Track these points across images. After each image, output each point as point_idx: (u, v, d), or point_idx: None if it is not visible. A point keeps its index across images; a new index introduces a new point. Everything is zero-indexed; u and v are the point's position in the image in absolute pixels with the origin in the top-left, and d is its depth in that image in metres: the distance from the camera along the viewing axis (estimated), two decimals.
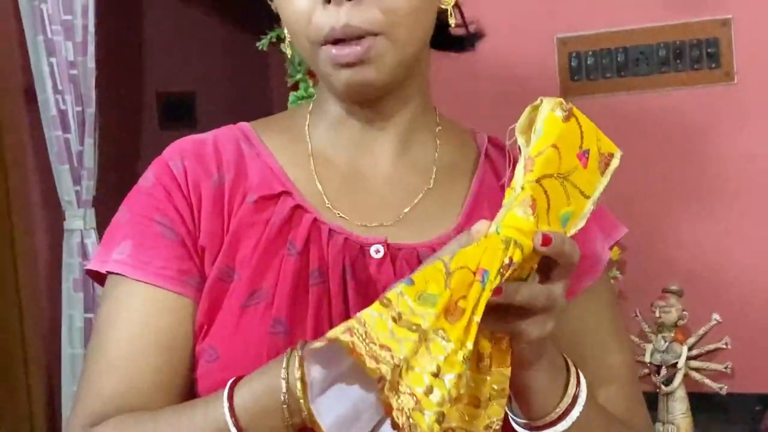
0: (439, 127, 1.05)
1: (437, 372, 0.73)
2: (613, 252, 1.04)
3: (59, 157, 2.82)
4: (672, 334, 2.14)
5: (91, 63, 2.79)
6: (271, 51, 2.38)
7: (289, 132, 1.03)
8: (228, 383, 0.87)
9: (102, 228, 2.80)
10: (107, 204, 2.79)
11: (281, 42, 2.25)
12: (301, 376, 0.81)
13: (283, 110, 1.20)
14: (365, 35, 0.91)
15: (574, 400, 0.87)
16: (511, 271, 0.77)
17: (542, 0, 2.38)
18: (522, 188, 0.80)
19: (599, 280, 1.02)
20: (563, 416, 0.87)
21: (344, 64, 0.92)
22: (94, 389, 0.93)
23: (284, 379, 0.83)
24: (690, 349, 2.13)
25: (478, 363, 0.80)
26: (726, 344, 2.15)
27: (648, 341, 2.16)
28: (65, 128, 2.81)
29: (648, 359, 2.14)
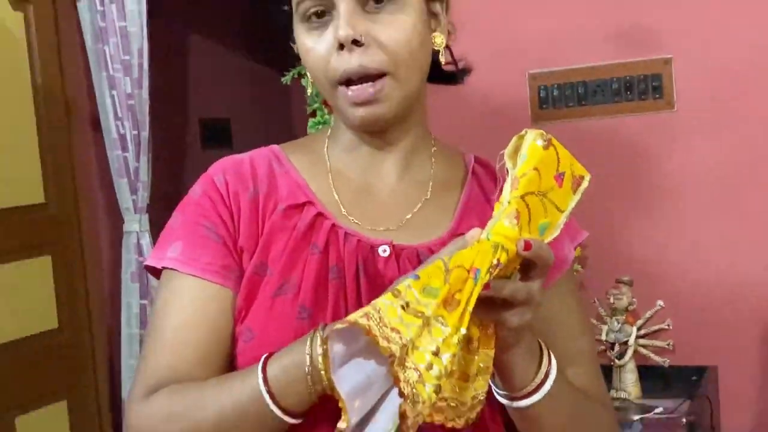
0: (434, 149, 1.04)
1: (437, 351, 0.73)
2: (576, 251, 1.03)
3: (119, 172, 2.83)
4: (624, 317, 2.14)
5: (146, 95, 2.78)
6: (294, 84, 2.37)
7: (312, 153, 1.03)
8: (262, 358, 0.86)
9: (154, 230, 2.83)
10: (158, 210, 2.80)
11: (302, 77, 2.26)
12: (324, 352, 0.81)
13: (303, 133, 1.19)
14: (375, 74, 0.91)
15: (546, 376, 0.87)
16: (498, 271, 0.77)
17: (516, 42, 2.38)
18: (509, 203, 0.79)
19: (565, 275, 1.02)
20: (537, 389, 0.87)
21: (359, 103, 0.92)
22: (151, 365, 0.93)
23: (308, 354, 0.83)
24: (638, 330, 2.13)
25: (468, 345, 0.80)
26: (668, 325, 2.16)
27: (604, 323, 2.16)
28: (124, 148, 2.81)
29: (604, 338, 2.13)
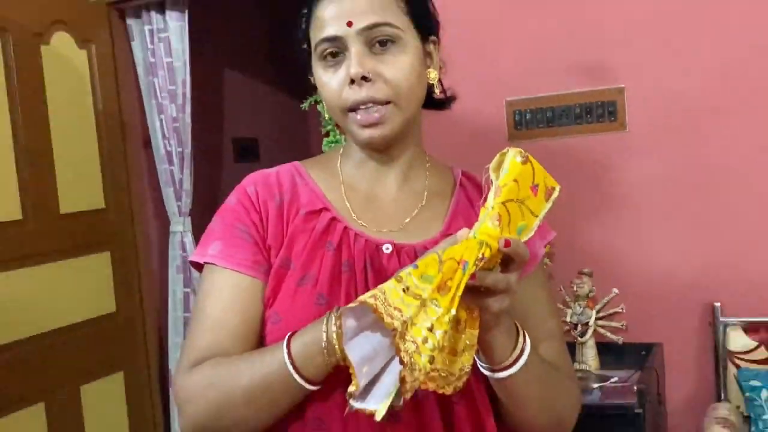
0: (428, 164, 1.04)
1: (431, 328, 0.73)
2: (546, 248, 1.04)
3: (166, 183, 2.83)
4: (585, 302, 2.14)
5: (188, 119, 2.79)
6: (311, 109, 2.36)
7: (327, 168, 1.03)
8: (286, 336, 0.87)
9: (196, 231, 2.84)
10: (199, 214, 2.83)
11: (318, 104, 2.27)
12: (338, 330, 0.82)
13: (319, 150, 1.18)
14: (380, 104, 0.92)
15: (522, 352, 0.87)
16: (483, 264, 0.77)
17: (495, 73, 2.38)
18: (492, 208, 0.80)
19: (537, 268, 1.02)
20: (514, 363, 0.87)
21: (366, 125, 0.93)
22: (195, 343, 0.93)
23: (324, 332, 0.83)
24: (597, 312, 2.14)
25: (457, 325, 0.80)
26: (622, 309, 2.16)
27: (568, 307, 2.16)
28: (170, 162, 2.82)
29: (569, 319, 2.14)
